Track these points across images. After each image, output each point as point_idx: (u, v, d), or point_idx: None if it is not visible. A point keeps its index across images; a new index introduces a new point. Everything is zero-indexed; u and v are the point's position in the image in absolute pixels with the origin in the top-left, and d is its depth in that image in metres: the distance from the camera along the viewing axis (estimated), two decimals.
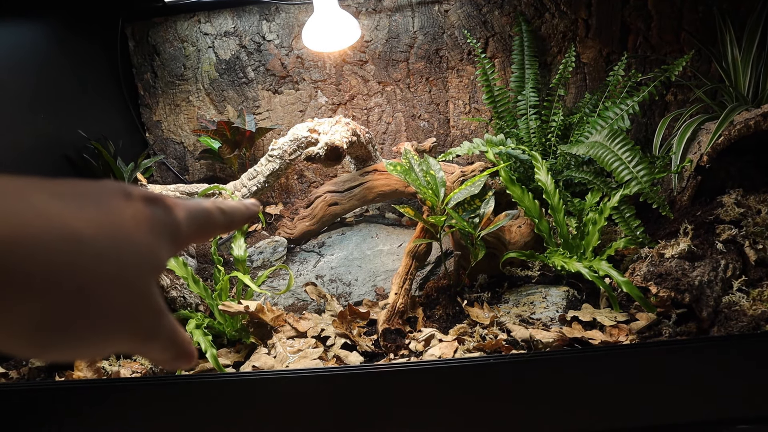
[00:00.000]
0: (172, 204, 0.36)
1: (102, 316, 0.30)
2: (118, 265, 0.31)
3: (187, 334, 0.38)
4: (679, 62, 1.70)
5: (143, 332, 0.33)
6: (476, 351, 1.26)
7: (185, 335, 0.38)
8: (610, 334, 1.28)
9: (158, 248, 0.34)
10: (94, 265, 0.29)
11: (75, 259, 0.28)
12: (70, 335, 0.29)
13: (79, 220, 0.29)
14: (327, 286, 1.64)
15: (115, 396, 1.20)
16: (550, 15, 1.93)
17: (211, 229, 0.39)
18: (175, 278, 1.51)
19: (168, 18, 2.02)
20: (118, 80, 2.03)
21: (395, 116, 2.06)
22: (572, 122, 1.82)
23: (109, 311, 0.30)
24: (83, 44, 1.89)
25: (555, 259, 1.39)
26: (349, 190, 1.80)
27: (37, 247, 0.27)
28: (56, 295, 0.27)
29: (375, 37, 1.98)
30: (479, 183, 1.46)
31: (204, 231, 0.39)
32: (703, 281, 1.29)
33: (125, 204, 0.33)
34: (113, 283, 0.30)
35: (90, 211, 0.30)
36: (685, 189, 1.61)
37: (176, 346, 0.37)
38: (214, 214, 0.39)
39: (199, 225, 0.38)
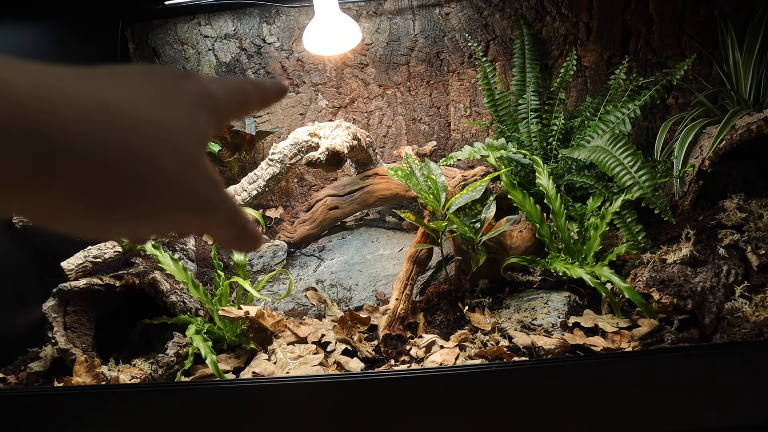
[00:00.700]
0: (204, 77, 0.36)
1: (155, 184, 0.29)
2: (160, 131, 0.30)
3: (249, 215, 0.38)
4: (680, 66, 1.70)
5: (200, 203, 0.32)
6: (478, 358, 1.25)
7: (247, 215, 0.37)
8: (612, 340, 1.28)
9: (197, 117, 0.33)
10: (135, 133, 0.29)
11: (113, 128, 0.28)
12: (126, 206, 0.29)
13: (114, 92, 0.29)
14: (327, 290, 1.63)
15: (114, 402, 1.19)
16: (551, 18, 1.93)
17: (246, 100, 0.38)
18: (174, 283, 1.50)
19: (168, 20, 2.02)
20: None
21: (396, 119, 2.05)
22: (573, 126, 1.81)
23: (161, 178, 0.30)
24: (83, 46, 1.88)
25: (557, 265, 1.38)
26: (349, 194, 1.79)
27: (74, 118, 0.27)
28: (101, 164, 0.27)
29: (376, 40, 1.97)
30: (480, 188, 1.45)
31: (240, 103, 0.38)
32: (706, 287, 1.28)
33: (157, 78, 0.33)
34: (159, 149, 0.30)
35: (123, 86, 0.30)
36: (687, 193, 1.61)
37: (238, 223, 0.35)
38: (246, 85, 0.39)
39: (234, 96, 0.37)
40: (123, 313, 1.56)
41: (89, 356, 1.40)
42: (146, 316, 1.49)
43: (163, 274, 1.47)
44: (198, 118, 0.33)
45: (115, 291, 1.44)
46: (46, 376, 1.41)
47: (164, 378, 1.36)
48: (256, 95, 0.39)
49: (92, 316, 1.47)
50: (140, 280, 1.45)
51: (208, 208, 0.33)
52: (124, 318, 1.56)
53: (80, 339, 1.42)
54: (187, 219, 0.33)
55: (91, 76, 0.30)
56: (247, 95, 0.38)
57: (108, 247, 1.42)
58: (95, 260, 1.40)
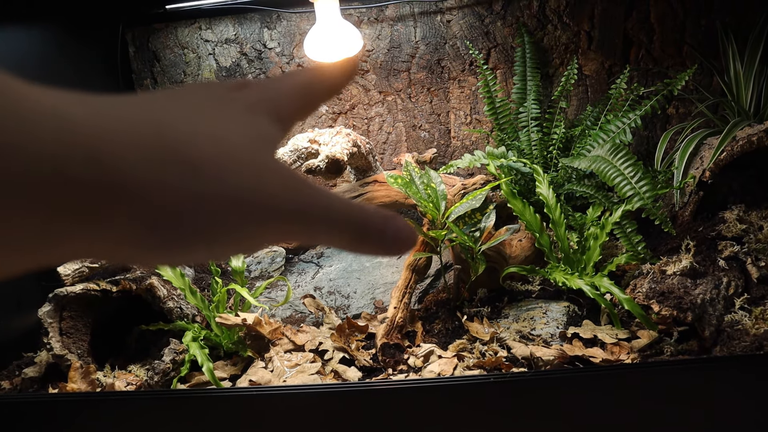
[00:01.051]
0: (260, 82, 0.33)
1: (221, 201, 0.27)
2: (219, 145, 0.28)
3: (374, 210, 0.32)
4: (681, 77, 1.70)
5: (284, 209, 0.29)
6: (476, 368, 1.25)
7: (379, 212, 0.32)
8: (611, 351, 1.27)
9: (258, 123, 0.31)
10: (191, 150, 0.27)
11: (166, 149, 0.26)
12: (196, 229, 0.27)
13: (167, 113, 0.28)
14: (325, 298, 1.62)
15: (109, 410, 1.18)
16: (552, 27, 1.93)
17: (310, 92, 0.35)
18: (171, 288, 1.49)
19: (169, 24, 2.01)
20: (118, 86, 2.02)
21: (396, 126, 2.04)
22: (574, 135, 1.81)
23: (228, 194, 0.27)
24: (82, 49, 1.88)
25: (556, 275, 1.37)
26: None
27: (128, 142, 0.25)
28: (161, 187, 0.25)
29: (377, 47, 1.97)
30: (480, 197, 1.45)
31: (304, 97, 0.34)
32: (706, 299, 1.27)
33: (210, 93, 0.31)
34: (221, 164, 0.27)
35: (177, 104, 0.29)
36: (687, 204, 1.60)
37: (352, 223, 0.31)
38: (306, 77, 0.35)
39: (294, 92, 0.34)
40: (119, 319, 1.55)
41: (85, 362, 1.39)
42: (143, 321, 1.48)
43: (161, 279, 1.46)
44: (258, 123, 0.31)
45: (112, 296, 1.43)
46: (40, 381, 1.39)
47: (160, 385, 1.35)
48: (320, 85, 0.35)
49: (88, 322, 1.46)
50: (137, 285, 1.44)
51: (296, 214, 0.29)
52: (120, 323, 1.55)
53: (76, 345, 1.41)
54: (276, 230, 0.29)
55: (145, 100, 0.28)
56: (310, 87, 0.35)
57: None
58: (92, 265, 1.39)
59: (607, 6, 1.90)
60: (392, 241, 0.32)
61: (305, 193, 0.30)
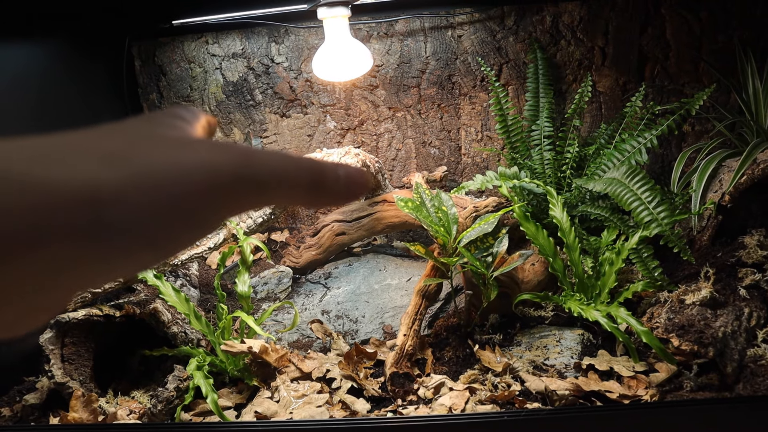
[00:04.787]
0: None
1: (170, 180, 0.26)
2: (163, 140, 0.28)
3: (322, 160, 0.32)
4: (699, 96, 1.65)
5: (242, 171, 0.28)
6: (488, 402, 1.21)
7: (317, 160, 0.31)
8: (628, 386, 1.23)
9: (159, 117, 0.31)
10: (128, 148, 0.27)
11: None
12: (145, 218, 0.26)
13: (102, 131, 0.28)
14: (333, 322, 1.59)
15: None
16: (565, 42, 1.89)
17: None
18: (176, 313, 1.46)
19: (175, 38, 1.98)
20: (124, 100, 1.99)
21: (405, 143, 2.01)
22: (587, 154, 1.77)
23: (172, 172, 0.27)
24: (89, 63, 1.85)
25: (571, 305, 1.33)
26: (357, 220, 1.75)
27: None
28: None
29: (386, 62, 1.93)
30: (493, 221, 1.41)
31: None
32: (727, 332, 1.23)
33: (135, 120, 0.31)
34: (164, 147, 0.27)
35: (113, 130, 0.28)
36: (705, 228, 1.56)
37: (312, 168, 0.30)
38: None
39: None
40: (123, 342, 1.52)
41: (87, 389, 1.36)
42: (147, 344, 1.45)
43: (165, 304, 1.43)
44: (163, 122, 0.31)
45: (115, 321, 1.40)
46: (41, 409, 1.36)
47: (164, 413, 1.31)
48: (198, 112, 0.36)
49: (91, 347, 1.42)
50: (141, 309, 1.41)
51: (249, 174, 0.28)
52: (123, 346, 1.52)
53: (78, 371, 1.38)
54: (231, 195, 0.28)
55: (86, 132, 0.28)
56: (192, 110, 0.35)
57: None
58: (95, 290, 1.36)
59: (621, 21, 1.86)
60: (347, 184, 0.32)
61: (247, 152, 0.29)
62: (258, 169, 0.29)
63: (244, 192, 0.29)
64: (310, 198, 0.31)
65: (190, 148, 0.28)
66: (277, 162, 0.29)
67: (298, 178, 0.30)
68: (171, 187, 0.26)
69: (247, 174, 0.28)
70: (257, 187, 0.29)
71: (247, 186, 0.28)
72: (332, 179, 0.31)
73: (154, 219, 0.26)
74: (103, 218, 0.24)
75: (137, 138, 0.28)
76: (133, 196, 0.25)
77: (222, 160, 0.28)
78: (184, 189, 0.26)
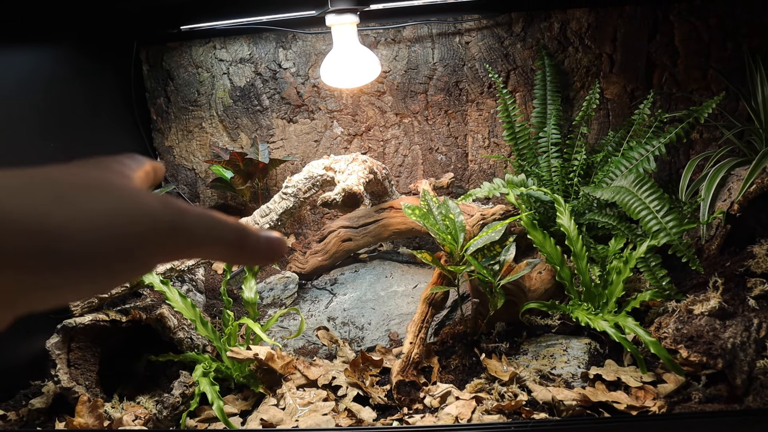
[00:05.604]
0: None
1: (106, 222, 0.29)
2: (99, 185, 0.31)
3: (244, 223, 0.36)
4: (708, 104, 1.65)
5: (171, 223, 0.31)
6: (495, 412, 1.20)
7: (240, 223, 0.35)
8: (636, 396, 1.22)
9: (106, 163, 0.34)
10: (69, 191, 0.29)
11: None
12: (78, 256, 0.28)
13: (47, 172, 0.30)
14: (339, 329, 1.58)
15: None
16: (573, 49, 1.88)
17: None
18: (182, 318, 1.46)
19: (183, 43, 1.99)
20: (131, 104, 1.99)
21: (412, 149, 2.01)
22: (595, 161, 1.76)
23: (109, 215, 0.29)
24: (96, 67, 1.85)
25: (578, 314, 1.33)
26: (363, 227, 1.75)
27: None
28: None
29: (393, 68, 1.93)
30: (500, 229, 1.41)
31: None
32: (736, 343, 1.22)
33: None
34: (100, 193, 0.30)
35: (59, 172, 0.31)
36: (714, 237, 1.55)
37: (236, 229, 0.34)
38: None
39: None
40: (129, 347, 1.52)
41: (93, 394, 1.36)
42: (153, 349, 1.45)
43: (171, 309, 1.43)
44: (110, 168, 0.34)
45: (121, 326, 1.40)
46: (47, 413, 1.36)
47: (169, 419, 1.31)
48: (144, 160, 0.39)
49: (97, 352, 1.43)
50: (147, 314, 1.41)
51: (177, 227, 0.32)
52: (129, 351, 1.52)
53: (84, 376, 1.38)
54: (160, 246, 0.31)
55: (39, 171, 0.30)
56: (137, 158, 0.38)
57: None
58: (101, 296, 1.36)
59: (629, 28, 1.86)
60: (266, 248, 0.35)
61: (181, 208, 0.32)
62: (189, 223, 0.32)
63: (176, 242, 0.32)
64: (231, 255, 0.35)
65: (133, 197, 0.31)
66: (206, 220, 0.33)
67: (222, 236, 0.34)
68: (112, 230, 0.29)
69: (180, 227, 0.32)
70: (187, 239, 0.32)
71: (178, 237, 0.32)
72: (253, 241, 0.35)
73: (94, 255, 0.28)
74: (50, 249, 0.27)
75: (87, 182, 0.31)
76: (77, 233, 0.28)
77: (159, 213, 0.31)
78: (123, 232, 0.29)
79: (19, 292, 0.27)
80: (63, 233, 0.27)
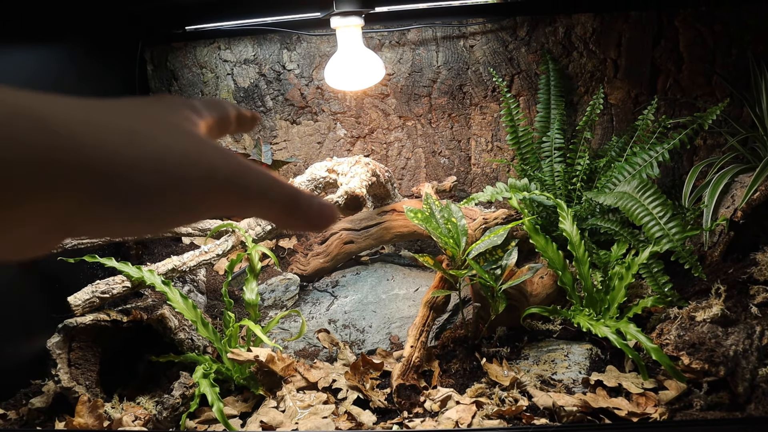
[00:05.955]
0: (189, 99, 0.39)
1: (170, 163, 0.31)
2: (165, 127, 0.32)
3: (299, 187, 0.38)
4: (712, 110, 1.64)
5: (228, 175, 0.32)
6: (495, 417, 1.20)
7: (295, 186, 0.36)
8: (637, 403, 1.22)
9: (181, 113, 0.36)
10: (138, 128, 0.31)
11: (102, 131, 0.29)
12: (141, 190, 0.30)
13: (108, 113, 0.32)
14: (340, 331, 1.58)
15: None
16: (578, 54, 1.88)
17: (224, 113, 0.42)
18: (183, 319, 1.46)
19: (188, 43, 1.99)
20: None
21: (415, 152, 2.00)
22: (598, 166, 1.76)
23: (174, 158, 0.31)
24: (101, 67, 1.86)
25: (580, 320, 1.32)
26: (365, 229, 1.74)
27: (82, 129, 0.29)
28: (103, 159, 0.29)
29: (397, 71, 1.93)
30: (502, 234, 1.40)
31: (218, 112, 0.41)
32: (738, 351, 1.22)
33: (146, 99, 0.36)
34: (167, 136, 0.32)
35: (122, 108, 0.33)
36: (717, 244, 1.55)
37: (289, 192, 0.35)
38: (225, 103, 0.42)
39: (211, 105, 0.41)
40: (130, 348, 1.52)
41: (93, 394, 1.36)
42: (153, 349, 1.45)
43: (172, 310, 1.43)
44: (182, 113, 0.36)
45: (122, 326, 1.40)
46: (47, 412, 1.36)
47: (169, 420, 1.31)
48: (232, 112, 0.43)
49: (98, 352, 1.43)
50: (148, 315, 1.41)
51: (233, 180, 0.33)
52: (130, 351, 1.52)
53: (84, 376, 1.38)
54: (215, 195, 0.32)
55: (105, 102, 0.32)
56: (224, 108, 0.42)
57: (116, 282, 1.39)
58: (103, 296, 1.36)
59: (634, 33, 1.85)
60: (317, 215, 0.36)
61: (242, 163, 0.33)
62: (247, 181, 0.33)
63: (231, 196, 0.33)
64: (282, 217, 0.35)
65: (197, 145, 0.33)
66: (264, 180, 0.34)
67: (277, 197, 0.34)
68: (174, 174, 0.31)
69: (236, 182, 0.33)
70: (242, 195, 0.33)
71: (234, 192, 0.33)
72: (305, 205, 0.36)
73: (153, 196, 0.30)
74: (114, 184, 0.28)
75: (157, 123, 0.32)
76: (142, 173, 0.29)
77: (221, 165, 0.32)
78: (183, 178, 0.31)
79: (77, 219, 0.28)
80: (128, 171, 0.29)
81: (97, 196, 0.28)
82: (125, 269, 1.39)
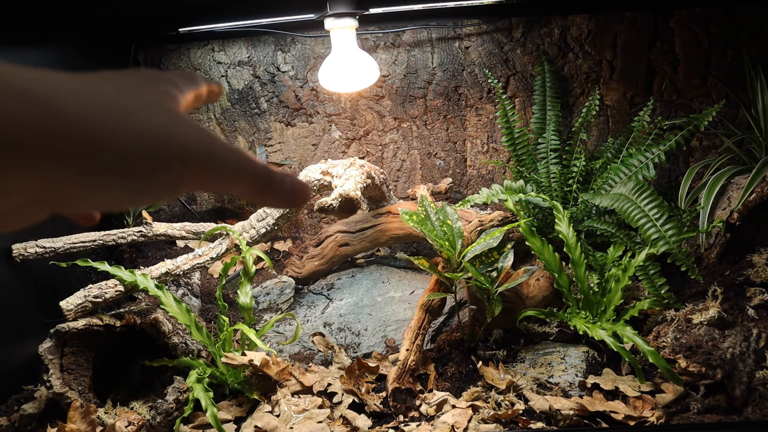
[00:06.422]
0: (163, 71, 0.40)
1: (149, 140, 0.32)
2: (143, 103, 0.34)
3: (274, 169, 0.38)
4: (708, 112, 1.64)
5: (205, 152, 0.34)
6: (491, 421, 1.19)
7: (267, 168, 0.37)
8: (633, 406, 1.21)
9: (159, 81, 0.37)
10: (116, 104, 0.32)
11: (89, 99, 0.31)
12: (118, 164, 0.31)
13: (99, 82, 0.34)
14: (335, 335, 1.57)
15: None
16: (573, 55, 1.88)
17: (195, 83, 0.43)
18: (177, 323, 1.44)
19: (181, 45, 1.98)
20: None
21: (410, 153, 2.00)
22: (594, 168, 1.75)
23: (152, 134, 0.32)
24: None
25: (576, 322, 1.32)
26: (361, 231, 1.73)
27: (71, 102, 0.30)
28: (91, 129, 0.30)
29: (392, 72, 1.92)
30: (498, 236, 1.39)
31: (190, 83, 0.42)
32: (735, 353, 1.21)
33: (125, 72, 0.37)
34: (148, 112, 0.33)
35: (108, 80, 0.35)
36: (713, 246, 1.54)
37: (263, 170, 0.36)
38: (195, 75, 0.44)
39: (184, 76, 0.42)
40: (123, 352, 1.50)
41: (86, 399, 1.35)
42: (147, 354, 1.44)
43: (166, 314, 1.42)
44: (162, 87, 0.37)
45: (115, 331, 1.38)
46: (39, 419, 1.35)
47: (163, 425, 1.30)
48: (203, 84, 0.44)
49: (90, 356, 1.41)
50: (142, 319, 1.40)
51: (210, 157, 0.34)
52: (123, 355, 1.51)
53: (77, 381, 1.37)
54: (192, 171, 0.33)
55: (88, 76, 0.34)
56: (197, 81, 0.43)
57: (109, 287, 1.37)
58: (95, 300, 1.35)
59: (630, 35, 1.85)
60: (290, 191, 0.37)
61: (217, 141, 0.35)
62: (222, 156, 0.35)
63: (206, 172, 0.34)
64: (257, 192, 0.37)
65: (176, 121, 0.34)
66: (238, 157, 0.35)
67: (251, 174, 0.36)
68: (154, 148, 0.32)
69: (212, 158, 0.34)
70: (218, 171, 0.34)
71: (209, 168, 0.34)
72: (278, 182, 0.37)
73: (134, 168, 0.31)
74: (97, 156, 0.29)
75: (138, 98, 0.34)
76: (124, 145, 0.31)
77: (196, 142, 0.34)
78: (159, 152, 0.32)
79: (62, 191, 0.29)
80: (111, 143, 0.30)
81: (79, 164, 0.29)
82: (118, 273, 1.37)
